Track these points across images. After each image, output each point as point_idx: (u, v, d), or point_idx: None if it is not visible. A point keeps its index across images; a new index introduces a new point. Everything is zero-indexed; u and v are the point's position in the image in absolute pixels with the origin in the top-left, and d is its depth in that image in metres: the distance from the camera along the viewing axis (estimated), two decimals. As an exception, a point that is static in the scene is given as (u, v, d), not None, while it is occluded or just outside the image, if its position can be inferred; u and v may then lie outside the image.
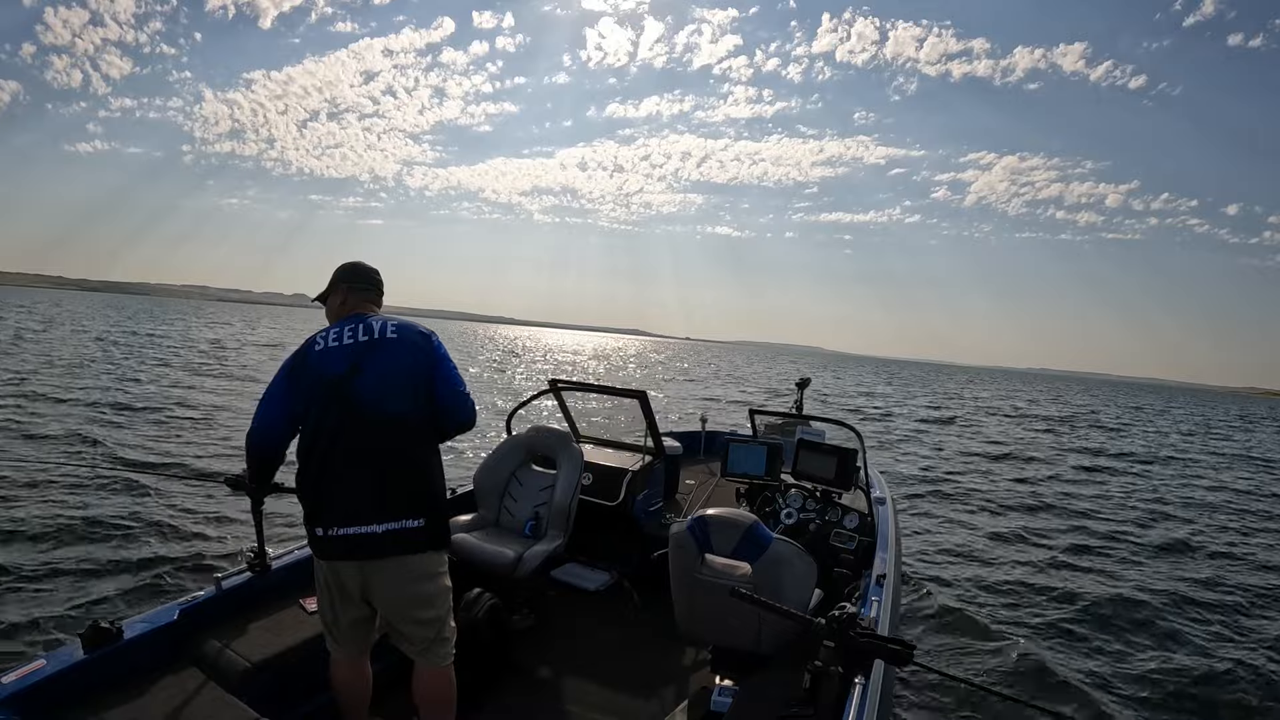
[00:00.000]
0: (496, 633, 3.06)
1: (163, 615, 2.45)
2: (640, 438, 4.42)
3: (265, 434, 2.30)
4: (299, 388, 2.27)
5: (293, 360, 2.33)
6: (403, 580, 2.23)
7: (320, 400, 2.21)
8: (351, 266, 2.49)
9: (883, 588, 2.91)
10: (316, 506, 2.22)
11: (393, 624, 2.32)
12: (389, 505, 2.18)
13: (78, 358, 19.58)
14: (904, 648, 1.68)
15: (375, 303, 2.50)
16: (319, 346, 2.30)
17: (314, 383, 2.24)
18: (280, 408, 2.28)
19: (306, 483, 2.24)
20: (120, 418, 10.90)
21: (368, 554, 2.18)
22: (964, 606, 5.67)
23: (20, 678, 2.02)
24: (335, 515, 2.17)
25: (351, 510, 2.17)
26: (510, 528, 3.70)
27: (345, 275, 2.48)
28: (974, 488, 11.30)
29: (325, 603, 2.34)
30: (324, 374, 2.23)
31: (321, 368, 2.25)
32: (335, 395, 2.20)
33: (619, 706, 3.01)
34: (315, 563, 2.31)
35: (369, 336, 2.28)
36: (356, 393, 2.20)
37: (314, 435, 2.23)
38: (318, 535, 2.21)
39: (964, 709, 4.05)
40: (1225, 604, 6.39)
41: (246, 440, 2.34)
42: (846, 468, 3.89)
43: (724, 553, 2.59)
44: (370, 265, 2.53)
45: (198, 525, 6.00)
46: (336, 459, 2.19)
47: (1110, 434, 24.12)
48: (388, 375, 2.23)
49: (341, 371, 2.22)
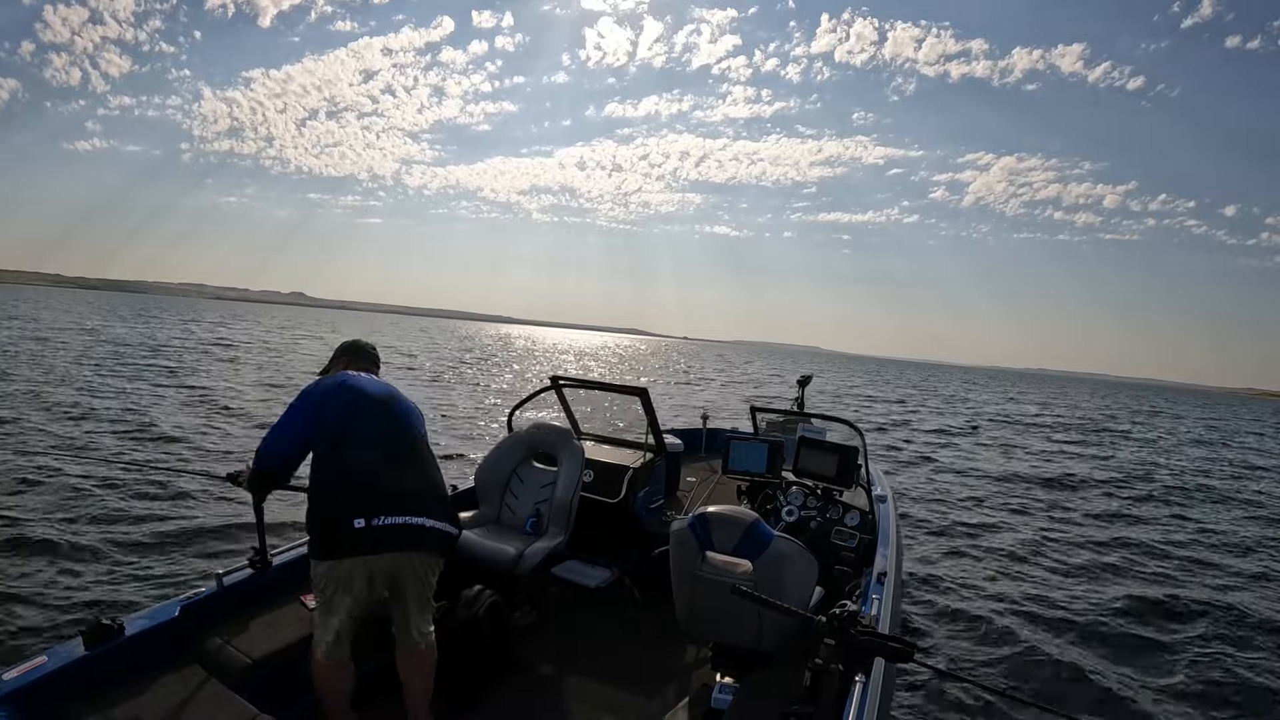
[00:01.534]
0: (497, 629, 3.06)
1: (164, 612, 2.45)
2: (641, 435, 4.42)
3: (282, 458, 2.50)
4: (329, 406, 2.45)
5: (321, 387, 2.54)
6: (429, 573, 2.49)
7: (366, 412, 2.48)
8: (352, 344, 2.87)
9: (883, 586, 2.91)
10: (360, 498, 2.32)
11: (407, 611, 2.49)
12: (431, 506, 2.46)
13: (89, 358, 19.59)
14: (904, 646, 1.69)
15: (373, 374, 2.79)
16: (352, 378, 2.60)
17: (357, 397, 2.51)
18: (299, 430, 2.47)
19: (345, 478, 2.37)
20: (120, 417, 10.91)
21: (414, 544, 2.38)
22: (964, 605, 5.67)
23: (22, 674, 2.03)
24: (385, 506, 2.33)
25: (403, 503, 2.37)
26: (511, 525, 3.70)
27: (347, 350, 2.84)
28: (976, 488, 11.31)
29: (350, 603, 2.34)
30: (370, 392, 2.55)
31: (367, 387, 2.56)
32: (384, 410, 2.52)
33: (620, 703, 3.01)
34: (328, 564, 2.31)
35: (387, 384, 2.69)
36: (403, 410, 2.58)
37: (354, 438, 2.41)
38: (357, 527, 2.27)
39: (964, 707, 4.05)
40: (1226, 606, 6.39)
41: (261, 457, 2.51)
42: (848, 465, 3.88)
43: (725, 550, 2.59)
44: (369, 343, 2.91)
45: (199, 522, 6.00)
46: (387, 458, 2.42)
47: (1117, 436, 24.10)
48: (412, 407, 2.66)
49: (386, 393, 2.59)
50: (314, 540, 2.36)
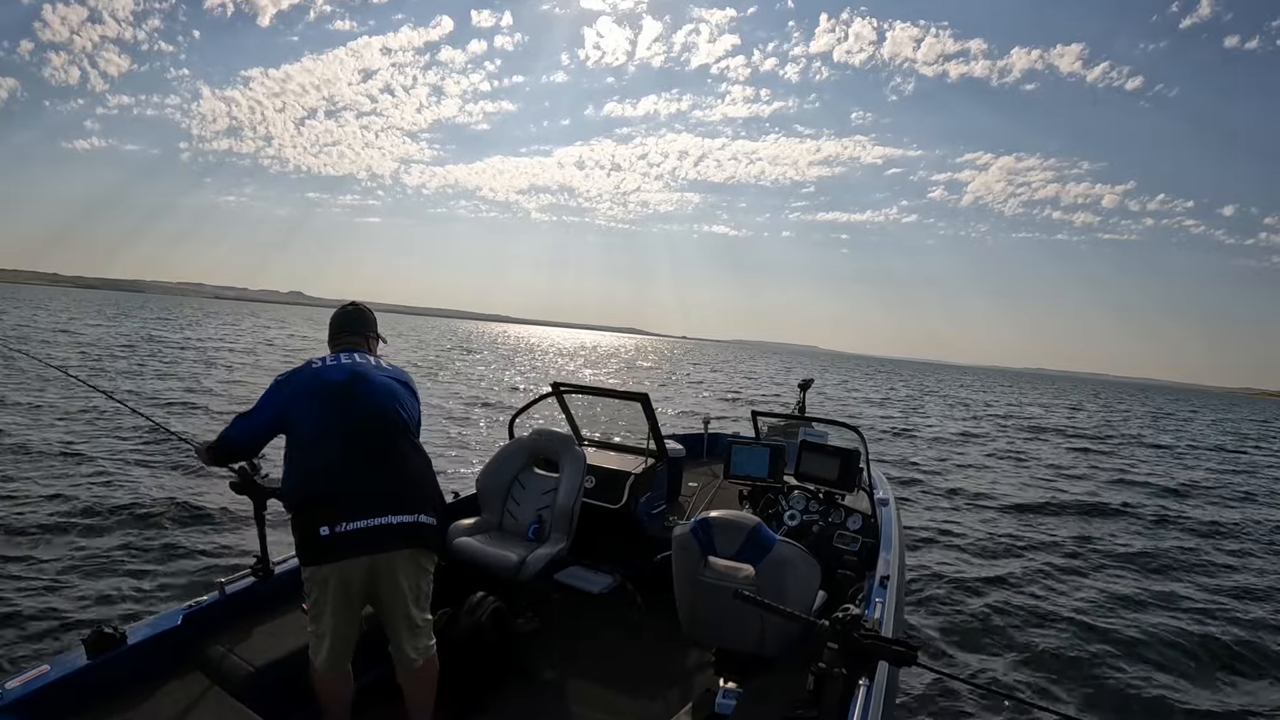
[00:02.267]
0: (500, 636, 3.06)
1: (166, 620, 2.45)
2: (643, 440, 4.42)
3: (240, 448, 2.53)
4: (295, 403, 2.38)
5: (293, 381, 2.45)
6: (412, 572, 2.34)
7: (328, 405, 2.35)
8: (338, 315, 2.69)
9: (886, 589, 2.90)
10: (324, 505, 2.22)
11: (395, 625, 2.36)
12: (401, 501, 2.30)
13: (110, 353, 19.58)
14: (907, 649, 1.68)
15: (368, 342, 2.68)
16: (324, 368, 2.46)
17: (322, 390, 2.38)
18: (263, 425, 2.44)
19: (309, 482, 2.27)
20: (121, 419, 10.90)
21: (379, 546, 2.24)
22: (968, 608, 5.66)
23: (24, 683, 2.03)
24: (349, 511, 2.22)
25: (369, 504, 2.25)
26: (513, 531, 3.69)
27: (332, 325, 2.68)
28: (980, 489, 11.30)
29: (331, 610, 2.27)
30: (334, 380, 2.40)
31: (332, 376, 2.42)
32: (345, 398, 2.37)
33: (623, 709, 3.00)
34: (313, 570, 2.25)
35: (362, 359, 2.54)
36: (368, 392, 2.40)
37: (315, 438, 2.31)
38: (323, 535, 2.18)
39: (967, 710, 4.04)
40: (1228, 606, 6.38)
41: (224, 442, 2.51)
42: (849, 469, 3.88)
43: (727, 555, 2.59)
44: (355, 307, 2.72)
45: (201, 530, 6.00)
46: (348, 455, 2.29)
47: (1127, 440, 24.08)
48: (384, 384, 2.47)
49: (349, 376, 2.42)
50: (296, 545, 2.29)
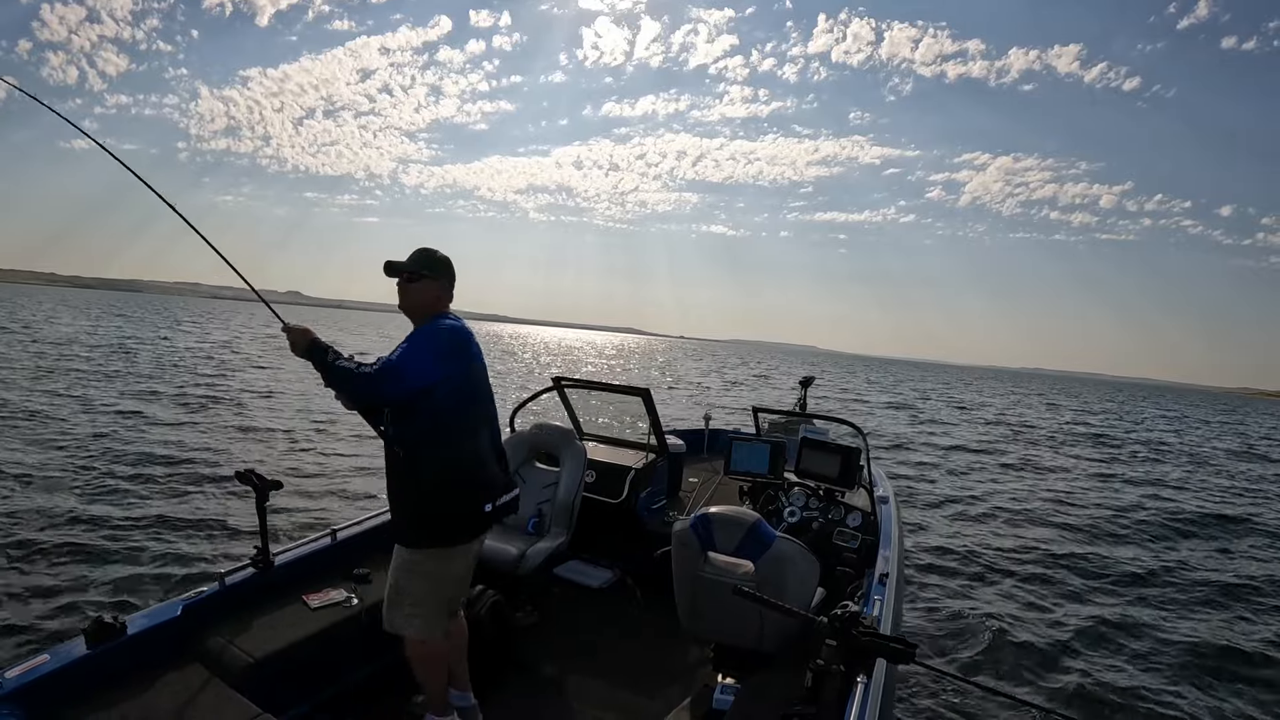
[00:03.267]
0: (500, 629, 3.07)
1: (166, 611, 2.45)
2: (644, 435, 4.42)
3: (397, 396, 2.23)
4: (458, 364, 2.34)
5: (458, 338, 2.36)
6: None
7: (481, 381, 2.45)
8: (443, 260, 2.47)
9: (885, 587, 2.90)
10: (488, 480, 2.40)
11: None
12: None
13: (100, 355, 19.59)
14: (906, 647, 1.68)
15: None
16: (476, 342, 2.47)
17: (477, 365, 2.43)
18: (433, 374, 2.24)
19: (479, 459, 2.39)
20: (124, 416, 10.92)
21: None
22: (966, 606, 5.67)
23: (23, 673, 2.03)
24: (500, 487, 2.43)
25: (505, 480, 2.48)
26: (513, 525, 3.69)
27: (442, 267, 2.46)
28: (979, 489, 11.30)
29: (461, 580, 2.46)
30: (478, 351, 2.47)
31: (479, 356, 2.48)
32: (484, 371, 2.48)
33: (622, 703, 3.01)
34: (468, 545, 2.39)
35: None
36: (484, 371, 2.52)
37: (476, 414, 2.40)
38: (487, 511, 2.37)
39: (965, 708, 4.05)
40: (1232, 608, 6.38)
41: (386, 382, 2.16)
42: (850, 466, 3.88)
43: (727, 551, 2.59)
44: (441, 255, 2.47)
45: (201, 521, 6.00)
46: (493, 436, 2.47)
47: (1131, 441, 24.07)
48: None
49: (480, 353, 2.49)
50: (445, 519, 2.38)
